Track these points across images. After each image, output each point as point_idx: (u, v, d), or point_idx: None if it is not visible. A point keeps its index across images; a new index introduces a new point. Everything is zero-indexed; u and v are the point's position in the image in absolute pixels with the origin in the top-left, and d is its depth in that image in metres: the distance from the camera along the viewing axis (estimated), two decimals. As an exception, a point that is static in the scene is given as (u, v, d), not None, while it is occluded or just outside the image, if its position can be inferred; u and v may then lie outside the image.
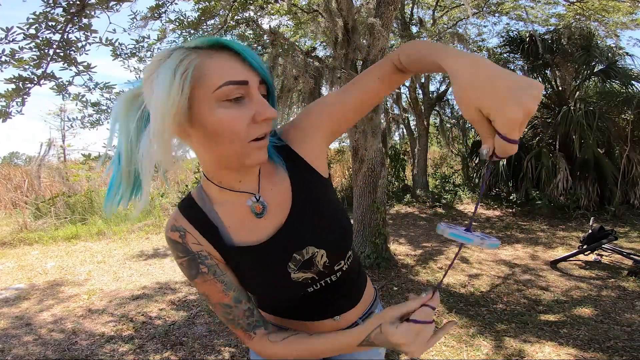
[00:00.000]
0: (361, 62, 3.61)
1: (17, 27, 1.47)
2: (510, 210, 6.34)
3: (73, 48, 1.63)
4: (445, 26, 7.03)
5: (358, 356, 0.84)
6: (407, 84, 8.02)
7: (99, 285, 3.59)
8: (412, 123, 8.69)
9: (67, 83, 1.72)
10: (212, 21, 3.31)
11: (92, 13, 1.67)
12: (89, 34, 1.66)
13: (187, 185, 3.80)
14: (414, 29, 6.99)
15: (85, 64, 1.66)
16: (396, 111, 8.62)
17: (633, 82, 5.96)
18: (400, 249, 4.45)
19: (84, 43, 1.68)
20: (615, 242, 3.61)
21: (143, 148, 0.54)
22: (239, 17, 3.38)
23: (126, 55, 2.59)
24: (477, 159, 7.95)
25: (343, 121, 0.73)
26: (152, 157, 0.53)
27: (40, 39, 1.53)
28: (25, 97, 1.51)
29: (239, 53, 0.56)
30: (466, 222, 5.91)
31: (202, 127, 0.55)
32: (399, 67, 0.65)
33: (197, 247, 0.66)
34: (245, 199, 0.66)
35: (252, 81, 0.56)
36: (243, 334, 0.69)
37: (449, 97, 8.55)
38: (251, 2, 3.30)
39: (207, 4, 3.03)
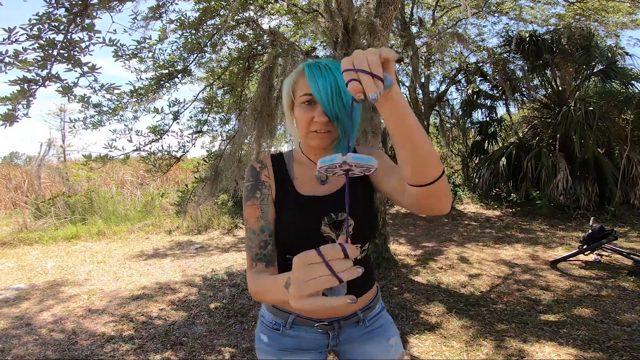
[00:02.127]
0: (361, 62, 3.60)
1: (20, 27, 1.47)
2: (510, 210, 6.34)
3: (77, 48, 1.63)
4: (445, 26, 7.03)
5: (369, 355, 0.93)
6: (407, 84, 8.03)
7: (99, 285, 3.59)
8: (412, 123, 8.66)
9: (72, 85, 1.72)
10: (213, 21, 3.31)
11: (95, 13, 1.67)
12: (92, 34, 1.66)
13: (187, 185, 3.80)
14: (414, 29, 6.99)
15: (89, 64, 1.65)
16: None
17: (633, 82, 5.97)
18: (400, 249, 4.45)
19: (87, 43, 1.68)
20: (615, 242, 3.62)
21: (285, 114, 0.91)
22: (239, 17, 3.38)
23: (128, 56, 2.59)
24: (477, 159, 7.95)
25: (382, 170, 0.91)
26: (288, 123, 0.92)
27: (44, 39, 1.53)
28: (30, 99, 1.50)
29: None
30: (466, 221, 5.91)
31: (296, 115, 0.86)
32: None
33: (265, 179, 0.89)
34: (314, 167, 0.91)
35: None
36: (249, 261, 0.84)
37: (449, 97, 8.56)
38: (251, 2, 3.30)
39: (208, 4, 3.03)
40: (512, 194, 6.40)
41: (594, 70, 6.30)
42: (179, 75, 3.23)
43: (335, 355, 0.99)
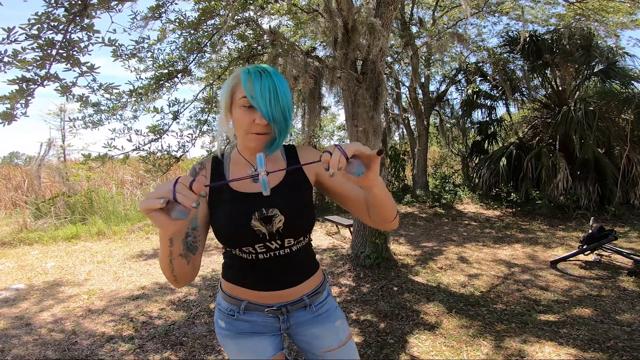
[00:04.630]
0: (361, 62, 3.61)
1: (19, 27, 1.47)
2: (510, 210, 6.34)
3: (76, 48, 1.62)
4: (445, 26, 7.02)
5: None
6: (407, 83, 8.03)
7: (99, 285, 3.59)
8: (412, 123, 8.69)
9: (71, 84, 1.71)
10: (212, 21, 3.30)
11: (94, 13, 1.67)
12: (91, 34, 1.66)
13: (187, 185, 3.79)
14: (414, 29, 6.99)
15: (88, 64, 1.65)
16: (396, 111, 8.62)
17: (633, 82, 5.97)
18: (400, 249, 4.45)
19: (86, 43, 1.67)
20: (615, 242, 3.61)
21: (220, 116, 0.96)
22: (239, 17, 3.37)
23: (126, 56, 2.59)
24: (477, 159, 7.95)
25: (328, 190, 1.01)
26: (220, 123, 0.96)
27: (43, 39, 1.53)
28: (29, 98, 1.50)
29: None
30: (466, 221, 5.91)
31: (233, 116, 0.91)
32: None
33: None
34: (249, 167, 0.98)
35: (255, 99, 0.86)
36: None
37: (449, 97, 8.56)
38: (251, 2, 3.30)
39: (207, 4, 3.03)
40: (512, 194, 6.40)
41: (594, 70, 6.30)
42: (179, 75, 3.23)
43: (290, 338, 1.08)
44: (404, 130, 9.01)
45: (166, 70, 3.14)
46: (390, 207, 0.88)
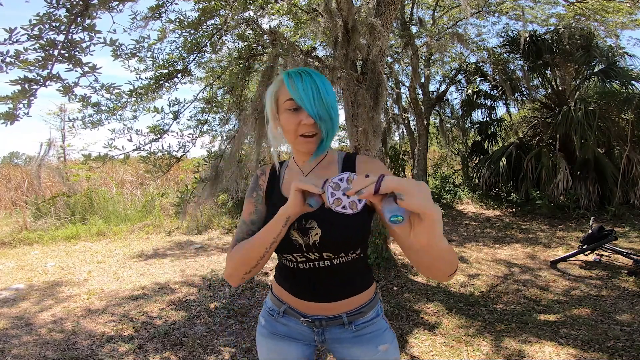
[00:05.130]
0: (361, 62, 3.61)
1: (21, 28, 1.47)
2: (510, 210, 6.34)
3: (77, 49, 1.63)
4: (445, 26, 7.02)
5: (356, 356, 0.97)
6: (407, 83, 8.03)
7: (99, 285, 3.59)
8: (412, 123, 8.68)
9: (73, 84, 1.72)
10: (212, 21, 3.30)
11: (95, 14, 1.67)
12: (93, 34, 1.66)
13: (187, 185, 3.80)
14: (414, 29, 6.99)
15: (90, 64, 1.65)
16: (396, 111, 8.62)
17: (633, 82, 5.96)
18: (400, 249, 4.45)
19: (88, 44, 1.68)
20: (615, 242, 3.61)
21: (269, 125, 0.95)
22: (239, 17, 3.37)
23: (126, 56, 2.59)
24: (477, 159, 7.95)
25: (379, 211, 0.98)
26: (271, 132, 0.95)
27: (45, 39, 1.53)
28: (31, 98, 1.50)
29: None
30: (466, 221, 5.91)
31: (281, 122, 0.91)
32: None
33: (261, 183, 1.01)
34: (300, 174, 0.98)
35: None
36: (233, 243, 0.93)
37: (449, 97, 8.56)
38: (251, 2, 3.30)
39: (207, 4, 3.03)
40: (512, 194, 6.40)
41: (594, 70, 6.29)
42: (179, 75, 3.23)
43: (328, 354, 1.05)
44: (404, 130, 9.01)
45: (166, 70, 3.14)
46: (445, 265, 0.71)
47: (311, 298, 0.95)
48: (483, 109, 7.92)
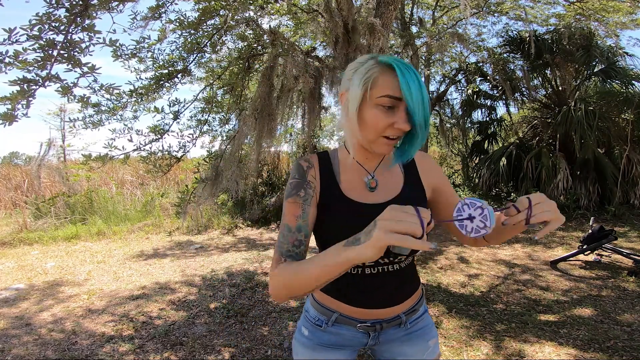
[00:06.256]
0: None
1: (21, 28, 1.47)
2: (510, 210, 6.33)
3: (77, 49, 1.63)
4: (445, 26, 7.02)
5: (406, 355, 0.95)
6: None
7: (99, 285, 3.59)
8: (412, 123, 8.66)
9: (72, 85, 1.71)
10: (212, 21, 3.30)
11: (95, 14, 1.67)
12: (92, 34, 1.66)
13: (187, 185, 3.80)
14: (414, 29, 6.99)
15: (89, 65, 1.65)
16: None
17: (633, 82, 5.96)
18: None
19: (87, 44, 1.68)
20: (615, 242, 3.61)
21: (347, 111, 0.80)
22: (239, 17, 3.37)
23: (127, 56, 2.59)
24: (477, 159, 7.95)
25: (437, 206, 0.95)
26: (349, 118, 0.80)
27: (44, 40, 1.53)
28: (30, 99, 1.50)
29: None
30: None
31: (363, 115, 0.78)
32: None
33: (311, 179, 0.87)
34: (363, 172, 0.89)
35: (404, 101, 0.74)
36: (278, 256, 0.81)
37: (449, 97, 8.55)
38: (251, 2, 3.30)
39: (207, 4, 3.03)
40: (512, 194, 6.39)
41: (594, 70, 6.29)
42: (179, 75, 3.23)
43: (371, 355, 1.02)
44: (404, 130, 9.00)
45: (166, 71, 3.14)
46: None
47: (373, 305, 0.89)
48: (483, 109, 7.92)
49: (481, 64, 7.51)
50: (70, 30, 1.61)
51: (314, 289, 0.71)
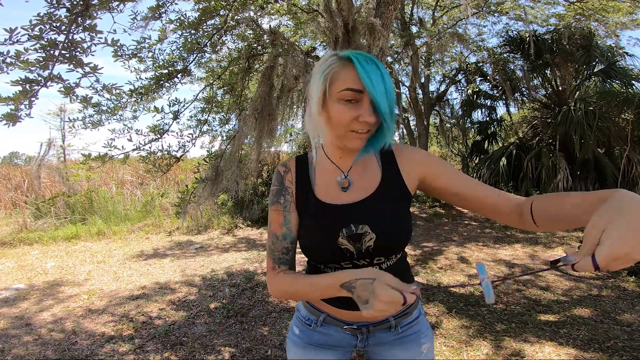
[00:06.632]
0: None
1: (22, 28, 1.47)
2: (510, 210, 6.33)
3: (78, 49, 1.62)
4: (445, 26, 7.02)
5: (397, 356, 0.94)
6: (407, 83, 8.03)
7: (99, 285, 3.59)
8: (412, 123, 8.69)
9: (74, 85, 1.71)
10: (212, 21, 3.30)
11: (95, 14, 1.67)
12: (94, 34, 1.66)
13: (187, 186, 3.80)
14: (414, 29, 6.99)
15: (91, 65, 1.65)
16: (396, 111, 8.62)
17: (633, 82, 5.96)
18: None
19: (89, 44, 1.67)
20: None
21: (310, 110, 0.81)
22: (239, 17, 3.38)
23: (127, 56, 2.59)
24: (477, 159, 7.95)
25: (440, 191, 0.87)
26: (312, 120, 0.81)
27: (45, 40, 1.53)
28: (32, 99, 1.50)
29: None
30: (466, 221, 5.91)
31: (328, 112, 0.77)
32: (525, 217, 0.74)
33: (288, 184, 0.87)
34: (338, 172, 0.87)
35: (366, 92, 0.73)
36: (271, 264, 0.85)
37: (449, 97, 8.56)
38: (251, 2, 3.30)
39: (207, 4, 3.03)
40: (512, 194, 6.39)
41: (594, 70, 6.30)
42: (179, 75, 3.23)
43: (365, 356, 1.01)
44: (404, 130, 9.01)
45: (166, 70, 3.14)
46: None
47: (356, 306, 0.90)
48: (483, 109, 7.93)
49: (481, 64, 7.52)
50: (72, 30, 1.61)
51: (307, 298, 0.80)
